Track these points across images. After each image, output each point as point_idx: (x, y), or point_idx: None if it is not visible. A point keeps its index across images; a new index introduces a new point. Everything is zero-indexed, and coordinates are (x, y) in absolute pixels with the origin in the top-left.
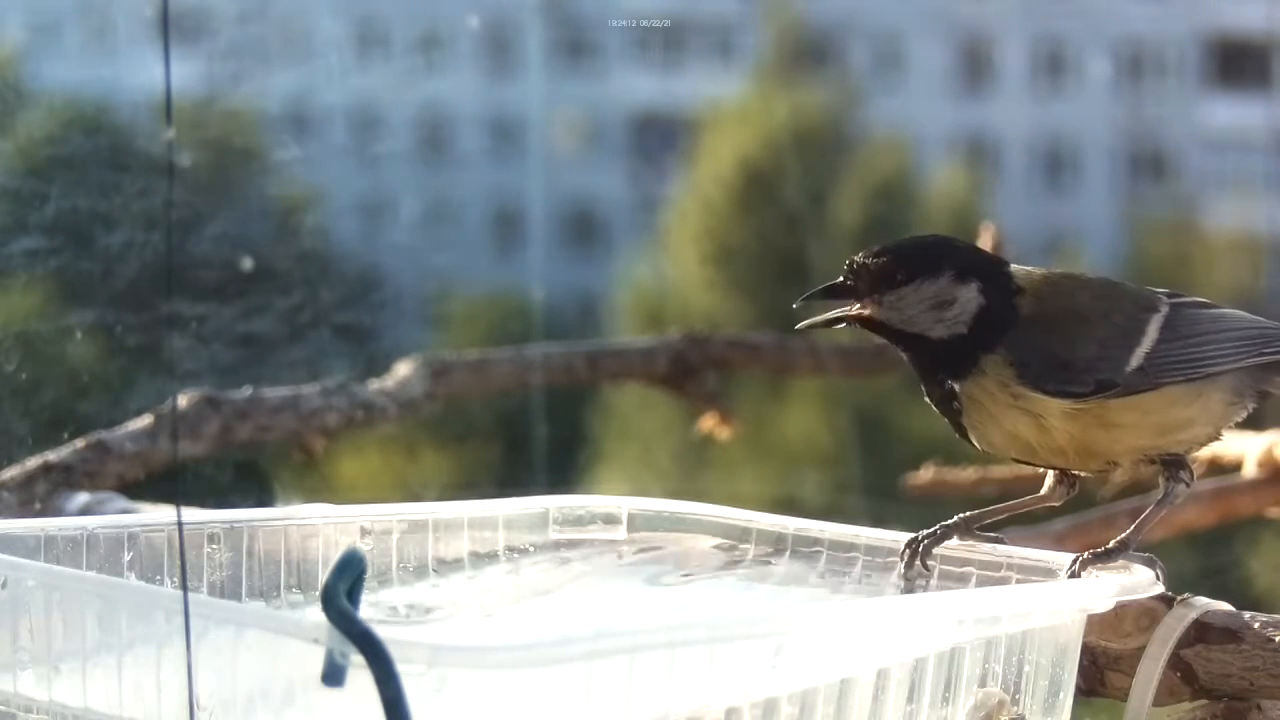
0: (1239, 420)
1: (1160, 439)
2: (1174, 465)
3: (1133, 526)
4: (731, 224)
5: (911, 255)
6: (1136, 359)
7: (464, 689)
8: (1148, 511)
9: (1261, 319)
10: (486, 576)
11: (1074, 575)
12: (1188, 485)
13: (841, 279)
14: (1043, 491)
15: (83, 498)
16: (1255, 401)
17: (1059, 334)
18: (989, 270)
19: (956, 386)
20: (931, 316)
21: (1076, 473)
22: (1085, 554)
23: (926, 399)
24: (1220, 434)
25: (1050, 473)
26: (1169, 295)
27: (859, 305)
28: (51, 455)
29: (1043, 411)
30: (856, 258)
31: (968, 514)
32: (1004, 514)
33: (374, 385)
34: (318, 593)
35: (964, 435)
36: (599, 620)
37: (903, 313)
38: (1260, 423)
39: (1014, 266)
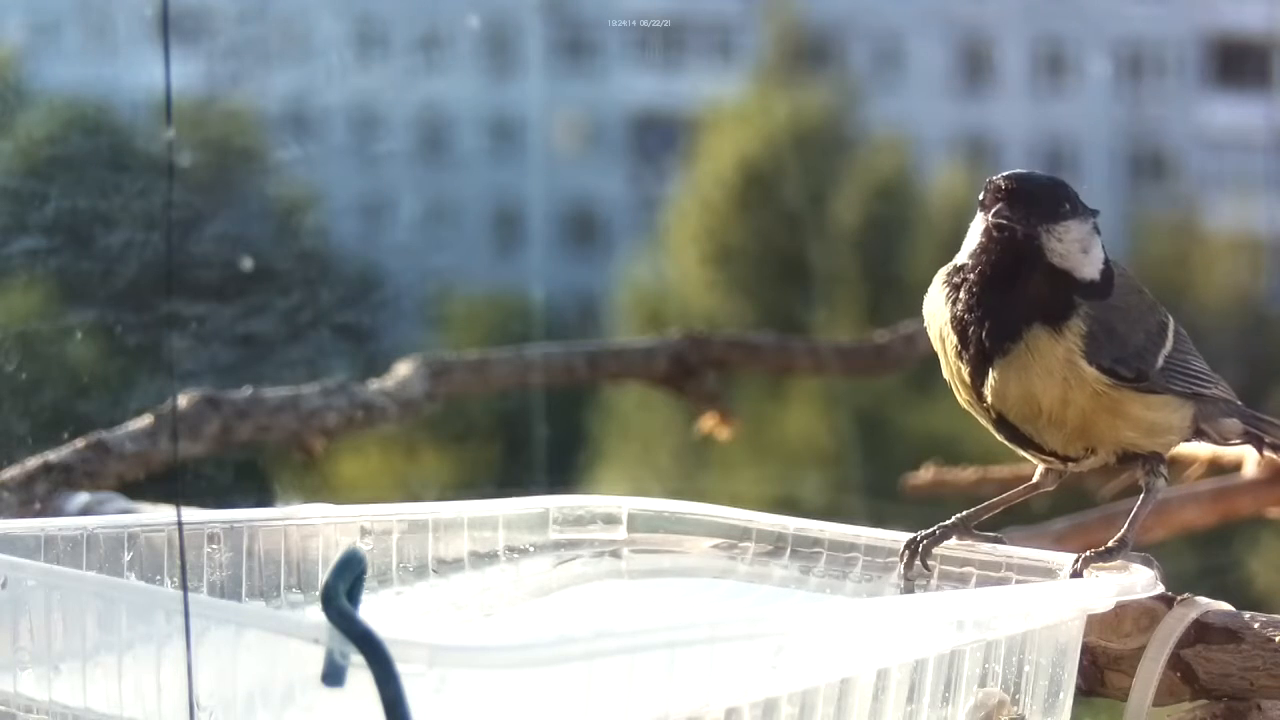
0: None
1: (1147, 437)
2: (1153, 460)
3: (1126, 524)
4: (731, 224)
5: (1070, 194)
6: (1161, 360)
7: (464, 689)
8: (1136, 508)
9: None
10: (486, 576)
11: (1076, 575)
12: (1166, 480)
13: (993, 197)
14: (1035, 479)
15: (83, 498)
16: (1192, 435)
17: (1128, 316)
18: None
19: (1029, 330)
20: (1081, 258)
21: (1053, 455)
22: (1087, 553)
23: (955, 335)
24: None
25: (1040, 462)
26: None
27: (1027, 225)
28: (51, 455)
29: (1077, 384)
30: (1013, 183)
31: (965, 513)
32: (1000, 507)
33: (374, 385)
34: (318, 593)
35: (970, 381)
36: (599, 620)
37: (1065, 245)
38: None
39: None
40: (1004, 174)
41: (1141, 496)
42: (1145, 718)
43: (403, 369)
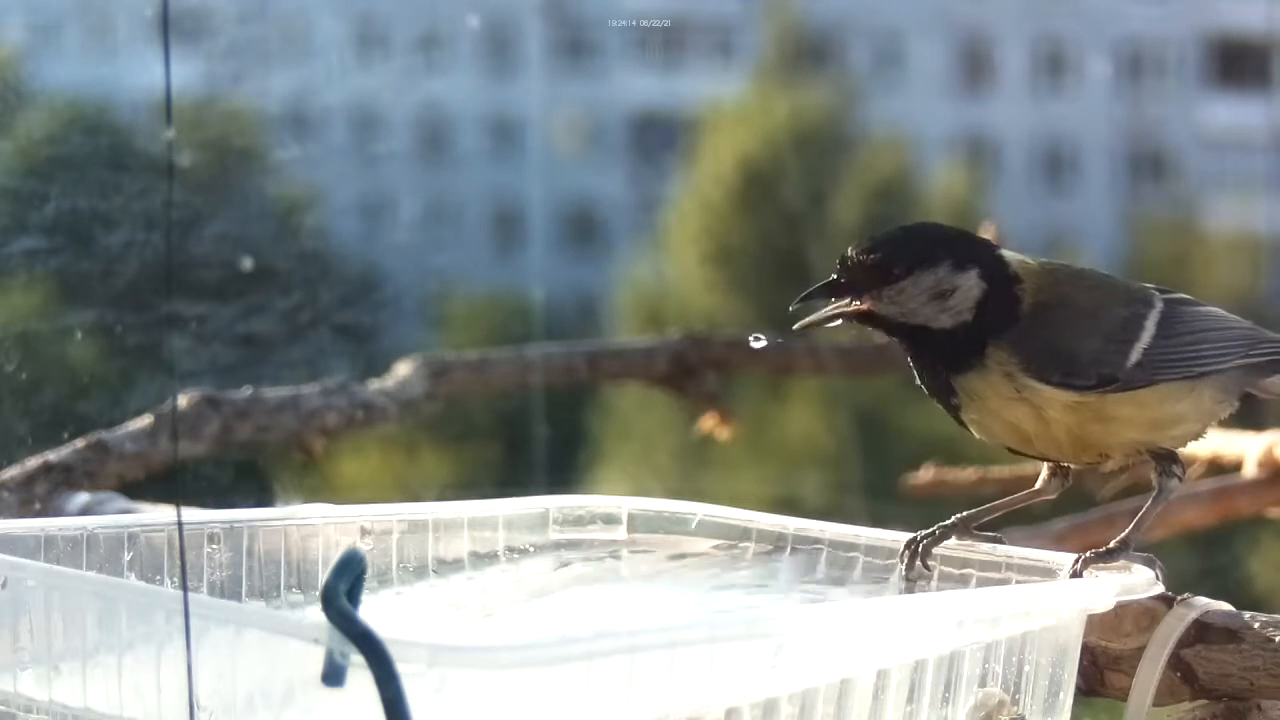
0: (1224, 418)
1: (1153, 433)
2: (1166, 460)
3: (1132, 525)
4: (731, 224)
5: (906, 247)
6: (1136, 354)
7: (464, 689)
8: (1144, 509)
9: (1244, 320)
10: (486, 576)
11: (1076, 575)
12: (1180, 480)
13: (836, 276)
14: (1038, 485)
15: (83, 498)
16: (1239, 401)
17: (1064, 326)
18: (985, 256)
19: (956, 381)
20: (934, 307)
21: (1069, 465)
22: (1087, 554)
23: (925, 390)
24: (1206, 431)
25: (1045, 466)
26: (1160, 291)
27: (857, 301)
28: (51, 455)
29: (1044, 404)
30: (850, 253)
31: (965, 514)
32: (1001, 510)
33: (374, 385)
34: (318, 593)
35: (963, 425)
36: (599, 620)
37: (904, 306)
38: (1260, 423)
39: (1007, 253)
40: (845, 251)
41: (1152, 496)
42: (1145, 718)
43: (403, 369)
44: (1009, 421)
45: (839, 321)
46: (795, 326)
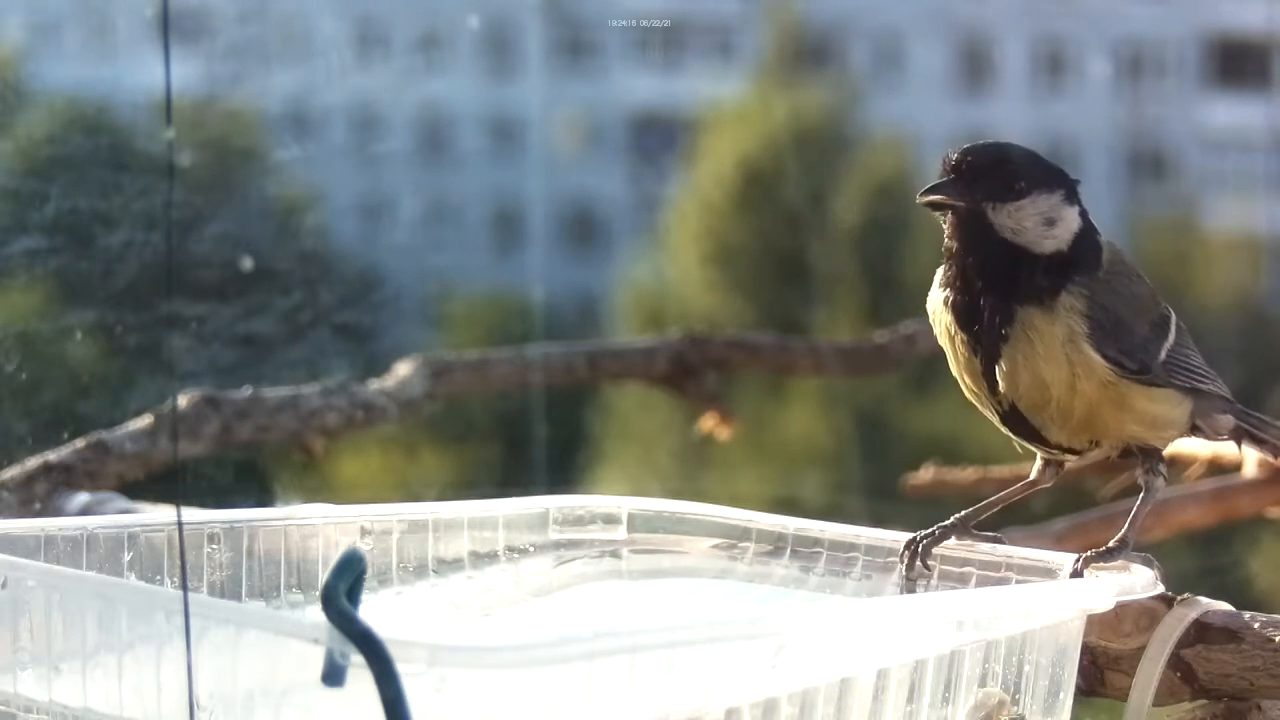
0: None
1: (1150, 431)
2: (1153, 458)
3: (1127, 524)
4: (731, 224)
5: (1031, 166)
6: (1163, 353)
7: (464, 689)
8: (1136, 508)
9: None
10: (486, 576)
11: (1076, 574)
12: (1165, 479)
13: (955, 175)
14: (1032, 476)
15: (83, 498)
16: (1189, 429)
17: (1127, 304)
18: (1080, 198)
19: (1022, 312)
20: (1041, 231)
21: (1057, 448)
22: (1088, 553)
23: (958, 329)
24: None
25: (1038, 457)
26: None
27: (971, 203)
28: (51, 455)
29: (1085, 374)
30: (971, 158)
31: (964, 513)
32: (998, 505)
33: (374, 385)
34: (318, 593)
35: (982, 372)
36: (599, 620)
37: (1018, 223)
38: None
39: None
40: (960, 148)
41: (1141, 496)
42: (1145, 718)
43: (403, 369)
44: (1042, 378)
45: (946, 213)
46: (919, 198)
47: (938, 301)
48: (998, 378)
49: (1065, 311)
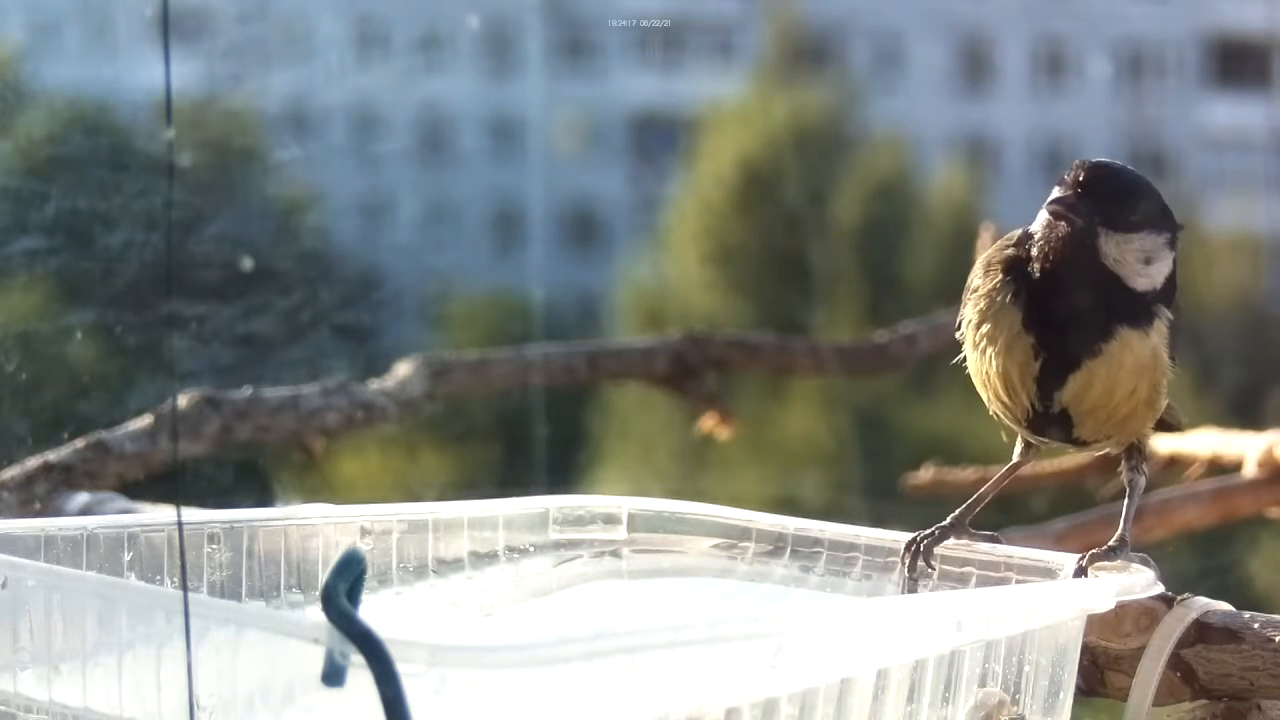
0: None
1: (1149, 426)
2: (1140, 455)
3: (1122, 523)
4: (731, 224)
5: (1149, 204)
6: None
7: (464, 689)
8: (1126, 507)
9: None
10: (486, 576)
11: (1080, 573)
12: (1146, 477)
13: (1075, 189)
14: (1015, 459)
15: (83, 498)
16: None
17: (1178, 309)
18: (1178, 236)
19: (1119, 330)
20: (1139, 269)
21: (1076, 441)
22: (1091, 552)
23: (1028, 330)
24: None
25: (1019, 440)
26: None
27: (1083, 220)
28: (51, 455)
29: (1157, 379)
30: (1099, 178)
31: (960, 510)
32: (990, 495)
33: (374, 385)
34: (318, 593)
35: (1038, 375)
36: (599, 620)
37: (1122, 254)
38: (1260, 423)
39: None
40: (1094, 160)
41: (1128, 494)
42: (1145, 718)
43: (403, 369)
44: (1126, 384)
45: (1061, 223)
46: (1046, 206)
47: (1001, 293)
48: (1067, 383)
49: (1156, 335)
